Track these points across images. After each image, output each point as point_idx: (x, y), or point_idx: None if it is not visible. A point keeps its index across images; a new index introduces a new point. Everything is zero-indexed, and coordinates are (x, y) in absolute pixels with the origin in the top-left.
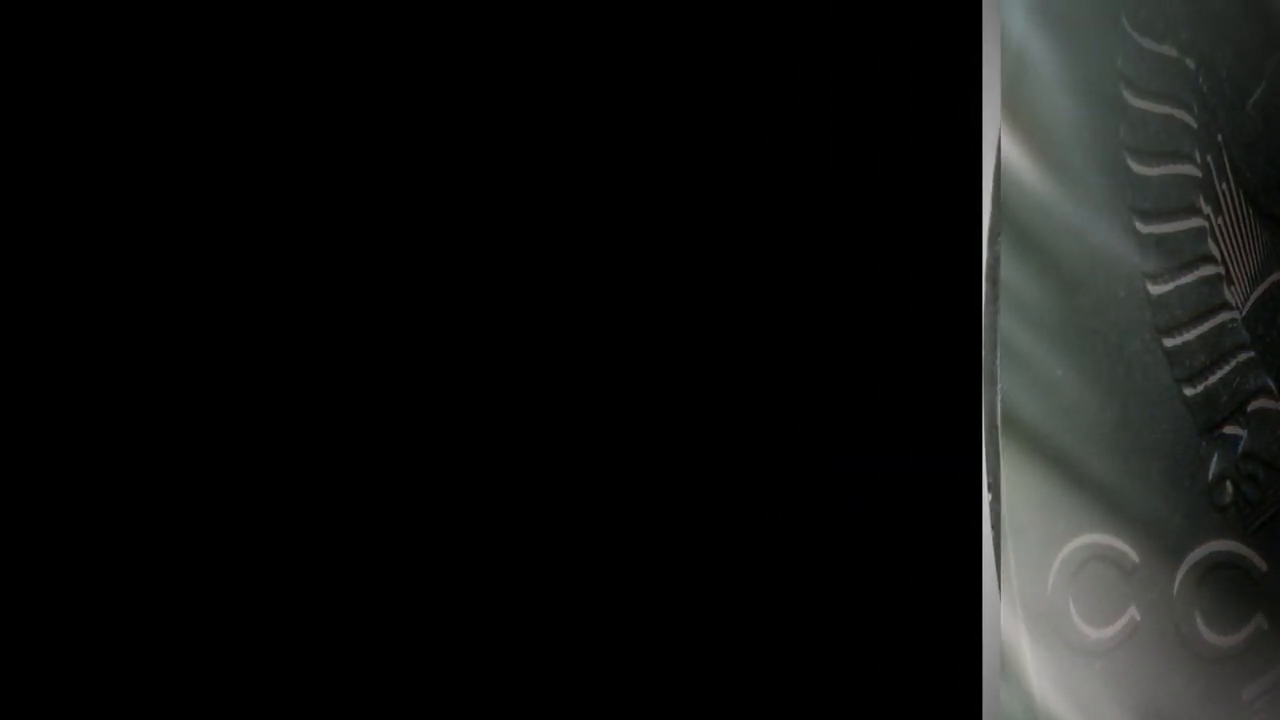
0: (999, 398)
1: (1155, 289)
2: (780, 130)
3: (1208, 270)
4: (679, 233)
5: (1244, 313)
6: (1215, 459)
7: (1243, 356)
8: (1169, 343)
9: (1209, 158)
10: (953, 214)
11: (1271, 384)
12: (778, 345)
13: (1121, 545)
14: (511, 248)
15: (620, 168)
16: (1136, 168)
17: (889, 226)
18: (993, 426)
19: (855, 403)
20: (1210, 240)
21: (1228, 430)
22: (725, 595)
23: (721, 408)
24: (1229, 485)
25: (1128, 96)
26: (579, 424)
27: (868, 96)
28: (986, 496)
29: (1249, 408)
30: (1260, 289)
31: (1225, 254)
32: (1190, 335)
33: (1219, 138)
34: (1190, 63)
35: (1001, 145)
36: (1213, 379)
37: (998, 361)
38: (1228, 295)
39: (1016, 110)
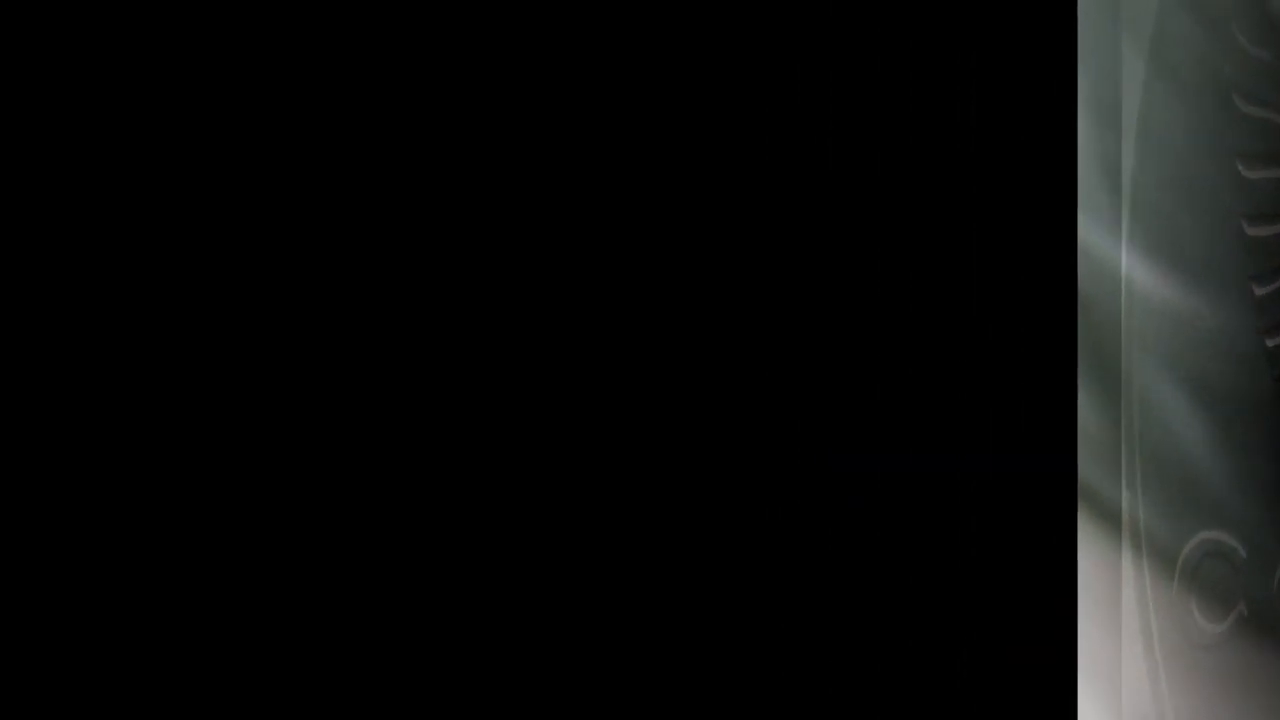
0: (1136, 399)
1: (1260, 290)
2: (787, 123)
3: None
4: (717, 240)
5: None
6: None
7: None
8: (1270, 343)
9: None
10: (1044, 208)
11: None
12: (807, 342)
13: (1232, 541)
14: (512, 247)
15: (644, 164)
16: (1245, 172)
17: (983, 234)
18: (1131, 426)
19: (965, 404)
20: None
21: None
22: (745, 600)
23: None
24: None
25: (1238, 102)
26: (602, 422)
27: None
28: (1126, 495)
29: None
30: None
31: None
32: None
33: None
34: None
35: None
36: None
37: (1133, 365)
38: None
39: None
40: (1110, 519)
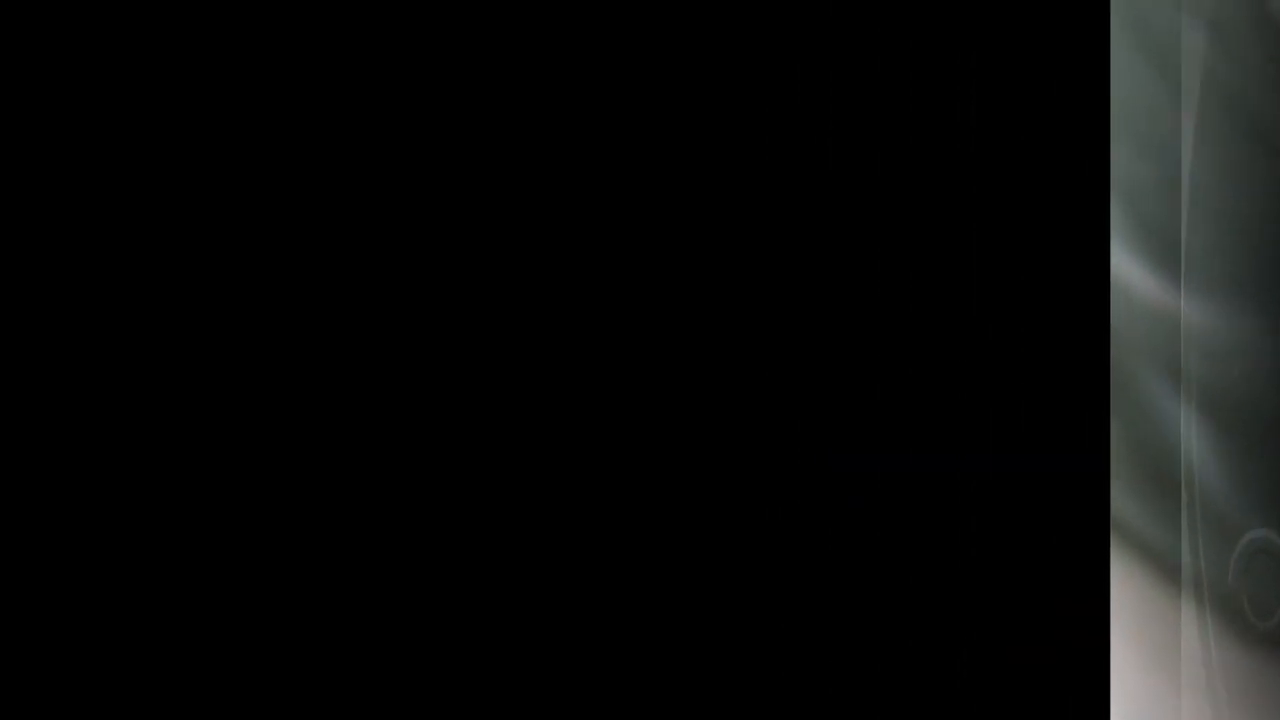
0: (1194, 400)
1: None
2: (797, 127)
3: None
4: (721, 239)
5: None
6: None
7: None
8: None
9: None
10: (1075, 216)
11: None
12: (813, 344)
13: (1278, 540)
14: (511, 248)
15: (647, 165)
16: None
17: (1016, 230)
18: (1189, 426)
19: (1000, 404)
20: None
21: None
22: (755, 600)
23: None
24: None
25: None
26: (603, 422)
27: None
28: (1184, 496)
29: None
30: None
31: None
32: None
33: None
34: None
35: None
36: None
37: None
38: None
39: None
40: (1158, 531)
